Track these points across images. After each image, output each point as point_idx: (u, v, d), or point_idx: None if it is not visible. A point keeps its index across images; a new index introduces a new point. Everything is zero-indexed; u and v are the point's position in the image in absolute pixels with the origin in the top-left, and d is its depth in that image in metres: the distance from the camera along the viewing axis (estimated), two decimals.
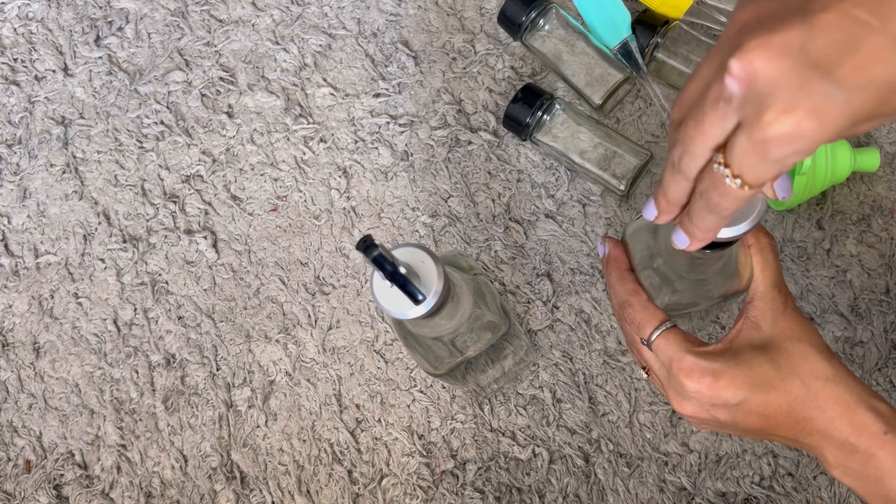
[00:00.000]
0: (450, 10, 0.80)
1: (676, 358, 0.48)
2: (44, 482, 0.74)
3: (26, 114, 0.82)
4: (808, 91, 0.34)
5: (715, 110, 0.36)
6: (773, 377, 0.47)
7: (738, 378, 0.47)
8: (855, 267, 0.70)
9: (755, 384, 0.47)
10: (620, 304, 0.52)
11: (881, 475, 0.46)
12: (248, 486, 0.72)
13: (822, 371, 0.47)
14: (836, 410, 0.46)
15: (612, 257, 0.54)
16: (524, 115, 0.71)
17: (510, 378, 0.70)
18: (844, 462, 0.47)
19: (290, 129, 0.79)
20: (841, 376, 0.47)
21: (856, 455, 0.46)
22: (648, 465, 0.68)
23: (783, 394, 0.47)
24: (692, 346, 0.48)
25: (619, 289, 0.53)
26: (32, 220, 0.80)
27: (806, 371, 0.47)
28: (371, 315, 0.74)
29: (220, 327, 0.75)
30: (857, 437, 0.46)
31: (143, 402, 0.75)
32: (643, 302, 0.52)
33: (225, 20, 0.82)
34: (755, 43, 0.34)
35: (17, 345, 0.77)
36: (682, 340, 0.49)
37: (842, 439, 0.46)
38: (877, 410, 0.46)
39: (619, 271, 0.54)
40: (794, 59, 0.34)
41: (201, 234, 0.77)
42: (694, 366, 0.47)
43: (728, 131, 0.37)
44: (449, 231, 0.75)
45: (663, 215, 0.44)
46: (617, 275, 0.54)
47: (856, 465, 0.46)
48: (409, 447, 0.71)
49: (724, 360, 0.47)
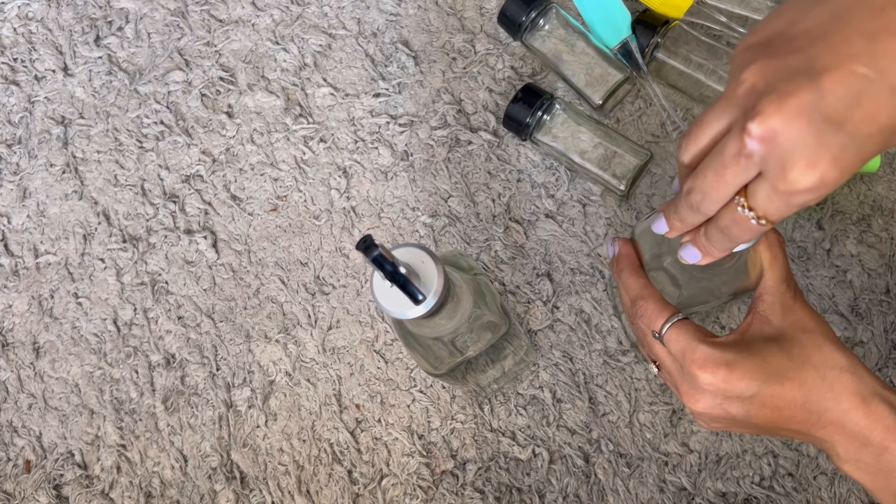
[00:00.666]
0: (450, 10, 0.80)
1: (689, 349, 0.48)
2: (44, 482, 0.74)
3: (26, 114, 0.82)
4: (827, 146, 0.38)
5: (737, 165, 0.40)
6: (787, 367, 0.47)
7: (752, 369, 0.46)
8: (855, 267, 0.70)
9: (770, 374, 0.46)
10: (633, 300, 0.52)
11: (893, 468, 0.45)
12: (248, 486, 0.72)
13: (837, 361, 0.47)
14: (852, 402, 0.46)
15: (623, 255, 0.55)
16: (524, 115, 0.71)
17: (510, 378, 0.70)
18: (856, 455, 0.46)
19: (290, 129, 0.79)
20: (855, 367, 0.47)
21: (869, 448, 0.46)
22: (648, 465, 0.68)
23: (798, 384, 0.46)
24: (705, 338, 0.48)
25: (631, 284, 0.53)
26: (32, 220, 0.80)
27: (820, 361, 0.47)
28: (371, 315, 0.74)
29: (220, 327, 0.75)
30: (872, 430, 0.46)
31: (142, 402, 0.75)
32: (655, 296, 0.52)
33: (225, 20, 0.82)
34: (772, 108, 0.38)
35: (17, 345, 0.77)
36: (694, 332, 0.49)
37: (856, 431, 0.46)
38: (890, 403, 0.46)
39: (630, 268, 0.54)
40: (809, 118, 0.38)
41: (201, 234, 0.77)
42: (708, 356, 0.47)
43: (748, 181, 0.41)
44: (449, 231, 0.75)
45: (674, 233, 0.47)
46: (629, 271, 0.54)
47: (868, 458, 0.46)
48: (409, 447, 0.71)
49: (738, 351, 0.47)
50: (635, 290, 0.53)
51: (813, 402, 0.46)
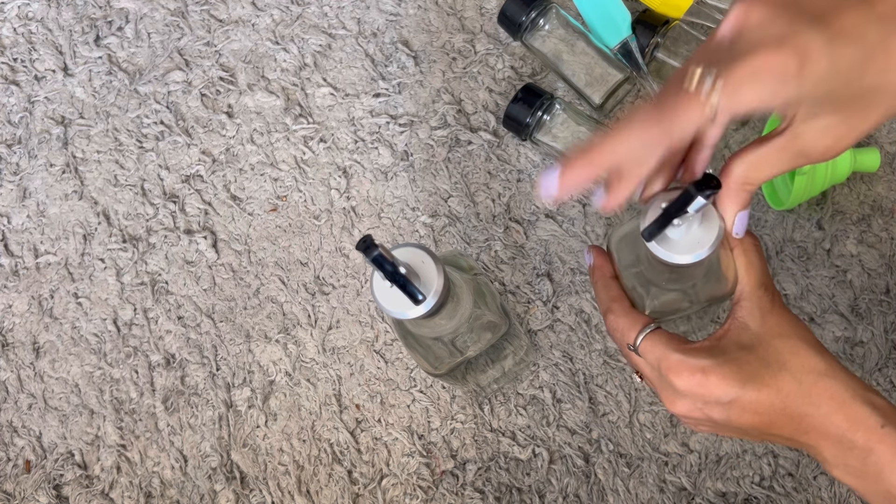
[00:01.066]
0: (450, 9, 0.80)
1: (664, 357, 0.47)
2: (43, 482, 0.74)
3: (26, 114, 0.82)
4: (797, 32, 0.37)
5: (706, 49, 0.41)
6: (762, 374, 0.46)
7: (727, 375, 0.46)
8: (855, 267, 0.70)
9: (746, 381, 0.46)
10: (603, 313, 0.52)
11: (880, 470, 0.45)
12: (248, 486, 0.72)
13: (814, 366, 0.46)
14: (831, 405, 0.45)
15: (597, 266, 0.54)
16: (524, 115, 0.71)
17: (510, 378, 0.70)
18: (843, 460, 0.46)
19: (289, 128, 0.79)
20: (833, 370, 0.46)
21: (854, 451, 0.45)
22: (648, 465, 0.68)
23: (775, 391, 0.46)
24: (679, 345, 0.48)
25: (602, 296, 0.53)
26: (32, 220, 0.80)
27: (797, 366, 0.46)
28: (371, 315, 0.74)
29: (220, 327, 0.75)
30: (854, 432, 0.45)
31: (142, 402, 0.75)
32: (626, 308, 0.51)
33: (225, 20, 0.82)
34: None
35: (17, 345, 0.77)
36: (667, 340, 0.48)
37: (839, 435, 0.45)
38: (873, 404, 0.45)
39: (603, 279, 0.53)
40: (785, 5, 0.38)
41: (201, 234, 0.77)
42: (681, 363, 0.47)
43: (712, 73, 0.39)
44: (449, 231, 0.75)
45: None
46: (602, 283, 0.53)
47: (855, 461, 0.45)
48: (409, 447, 0.71)
49: (712, 357, 0.47)
50: (606, 304, 0.52)
51: (792, 408, 0.46)
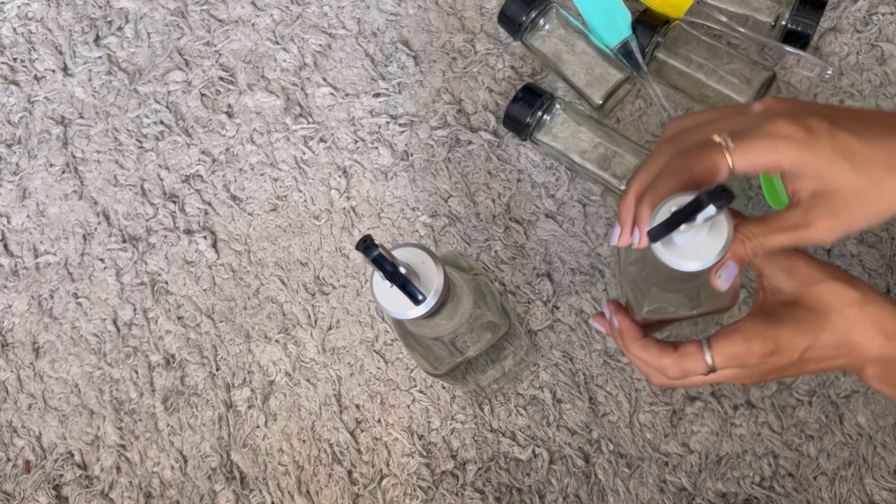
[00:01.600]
0: (450, 9, 0.79)
1: (735, 356, 0.50)
2: (43, 482, 0.74)
3: (26, 114, 0.82)
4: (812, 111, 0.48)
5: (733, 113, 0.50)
6: (817, 321, 0.50)
7: (791, 335, 0.50)
8: (855, 267, 0.70)
9: (807, 332, 0.50)
10: (661, 369, 0.52)
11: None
12: (248, 486, 0.72)
13: (854, 298, 0.50)
14: (875, 329, 0.50)
15: (624, 329, 0.54)
16: (524, 115, 0.71)
17: (510, 378, 0.70)
18: (882, 372, 0.51)
19: (289, 128, 0.79)
20: (869, 297, 0.50)
21: (890, 364, 0.50)
22: (649, 465, 0.68)
23: (829, 331, 0.50)
24: (730, 335, 0.50)
25: (644, 357, 0.53)
26: (32, 220, 0.80)
27: (839, 304, 0.50)
28: (371, 315, 0.74)
29: (220, 327, 0.75)
30: (894, 348, 0.50)
31: (142, 402, 0.75)
32: (669, 349, 0.52)
33: (225, 20, 0.82)
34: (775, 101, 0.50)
35: (17, 345, 0.77)
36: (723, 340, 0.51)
37: (880, 353, 0.50)
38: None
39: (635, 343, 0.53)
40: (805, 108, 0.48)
41: (201, 234, 0.77)
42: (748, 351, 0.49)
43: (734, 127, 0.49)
44: (449, 231, 0.74)
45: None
46: (639, 346, 0.53)
47: (893, 374, 0.51)
48: (409, 447, 0.71)
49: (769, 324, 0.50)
50: (656, 363, 0.52)
51: (846, 340, 0.50)
